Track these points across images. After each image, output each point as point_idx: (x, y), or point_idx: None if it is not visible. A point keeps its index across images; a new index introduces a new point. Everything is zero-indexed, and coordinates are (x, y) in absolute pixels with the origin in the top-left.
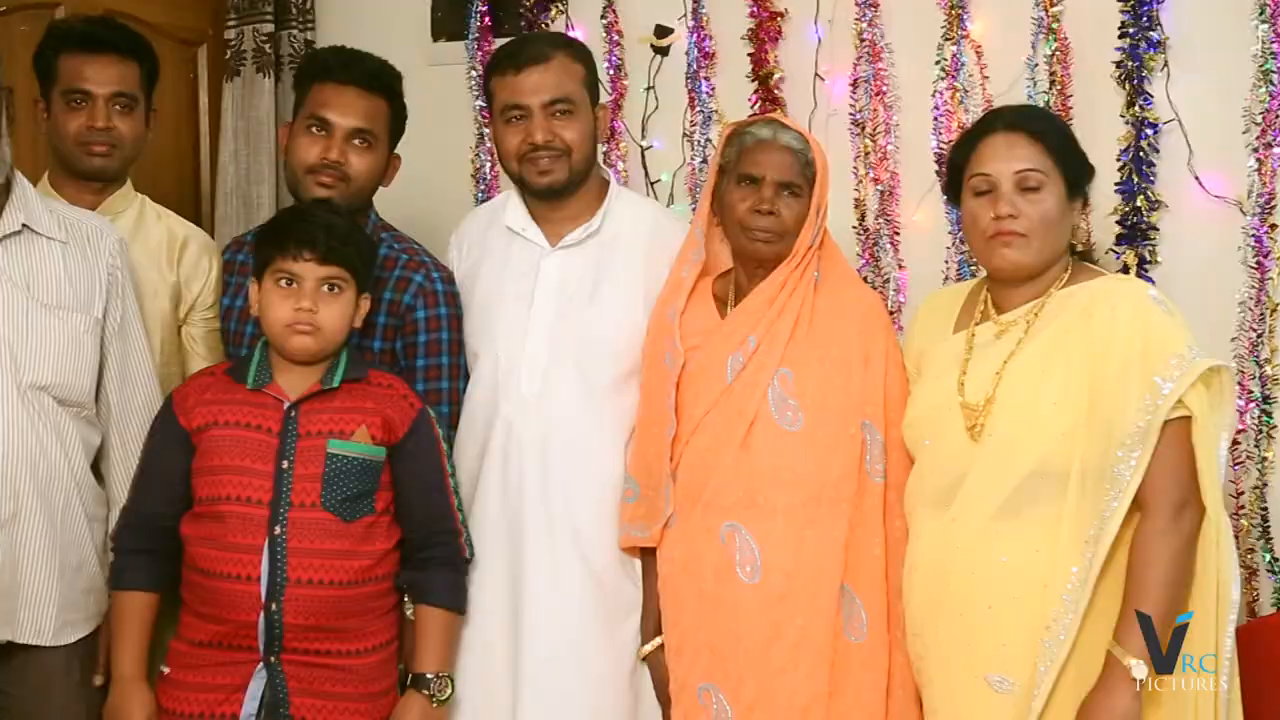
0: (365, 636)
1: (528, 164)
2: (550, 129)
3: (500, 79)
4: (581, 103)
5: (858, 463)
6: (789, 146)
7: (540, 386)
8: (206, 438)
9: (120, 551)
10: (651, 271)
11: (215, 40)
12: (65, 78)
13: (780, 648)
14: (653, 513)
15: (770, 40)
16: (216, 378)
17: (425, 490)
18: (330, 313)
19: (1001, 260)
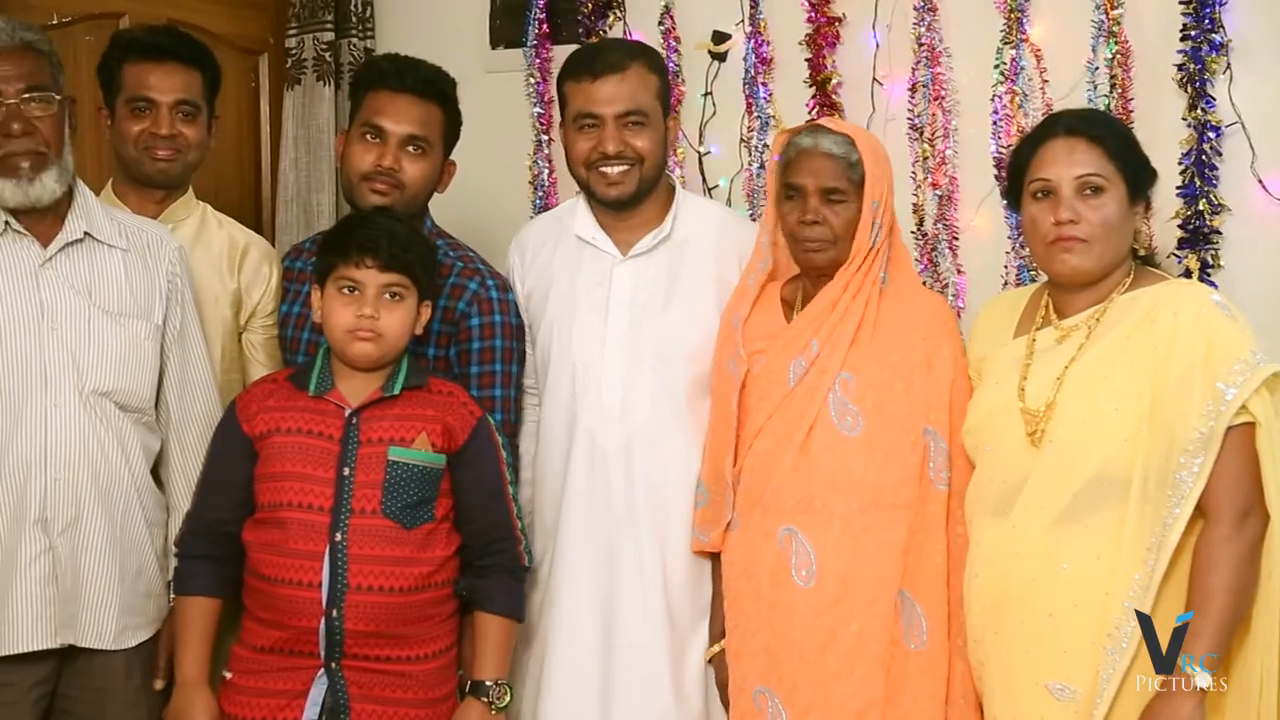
0: (425, 642)
1: (596, 173)
2: (622, 139)
3: (575, 85)
4: (654, 114)
5: (919, 469)
6: (829, 153)
7: (621, 395)
8: (269, 444)
9: (183, 557)
10: (721, 273)
11: (276, 49)
12: (129, 85)
13: (835, 653)
14: (717, 518)
15: (828, 45)
16: (279, 384)
17: (484, 498)
18: (392, 320)
19: (1062, 265)
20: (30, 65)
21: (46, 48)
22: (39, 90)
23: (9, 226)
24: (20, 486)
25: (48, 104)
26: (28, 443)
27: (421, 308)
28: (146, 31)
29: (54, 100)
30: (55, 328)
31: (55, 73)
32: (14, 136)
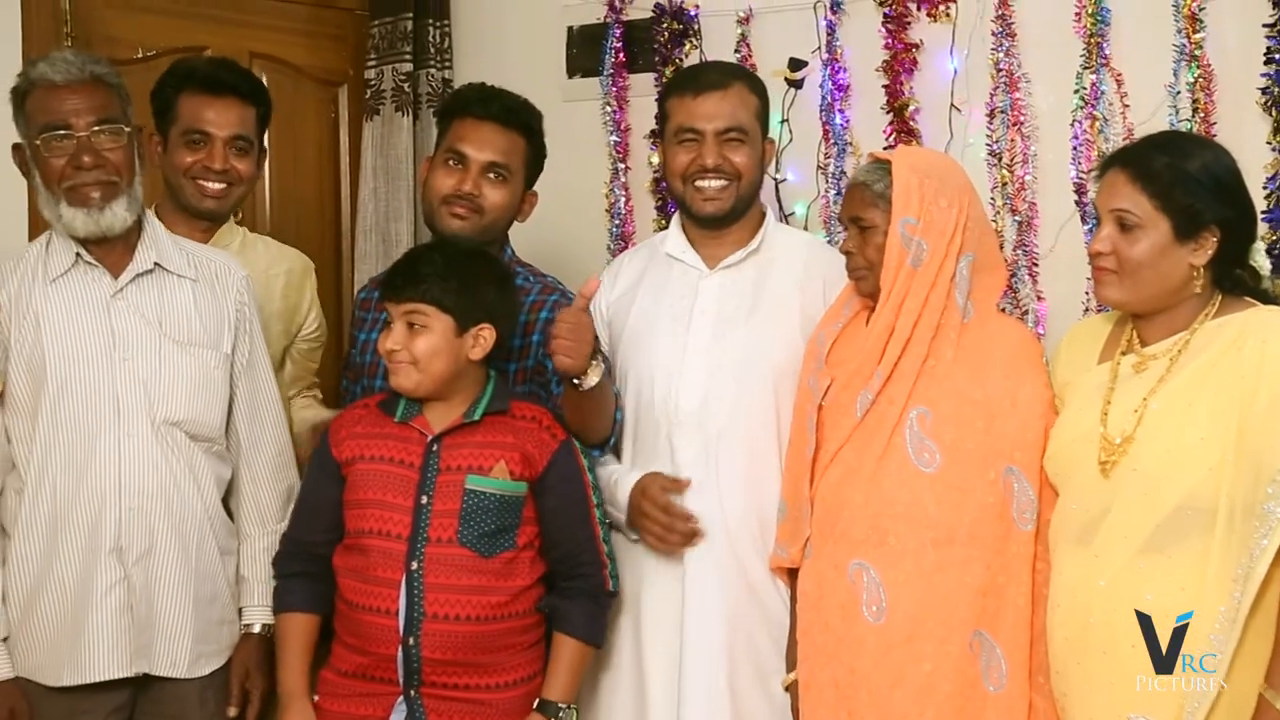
0: (505, 671)
1: (693, 188)
2: (721, 154)
3: (678, 101)
4: (753, 133)
5: (997, 509)
6: (858, 181)
7: (700, 405)
8: (354, 471)
9: (279, 576)
10: (806, 294)
11: (355, 80)
12: (186, 117)
13: (903, 692)
14: (796, 533)
15: (905, 71)
16: (369, 410)
17: (568, 524)
18: (414, 349)
19: (1097, 295)
20: (100, 98)
21: (115, 80)
22: (109, 122)
23: (80, 258)
24: (95, 516)
25: (117, 136)
26: (102, 473)
27: (478, 331)
28: (206, 64)
29: (123, 132)
30: (127, 358)
31: (124, 105)
32: (85, 168)
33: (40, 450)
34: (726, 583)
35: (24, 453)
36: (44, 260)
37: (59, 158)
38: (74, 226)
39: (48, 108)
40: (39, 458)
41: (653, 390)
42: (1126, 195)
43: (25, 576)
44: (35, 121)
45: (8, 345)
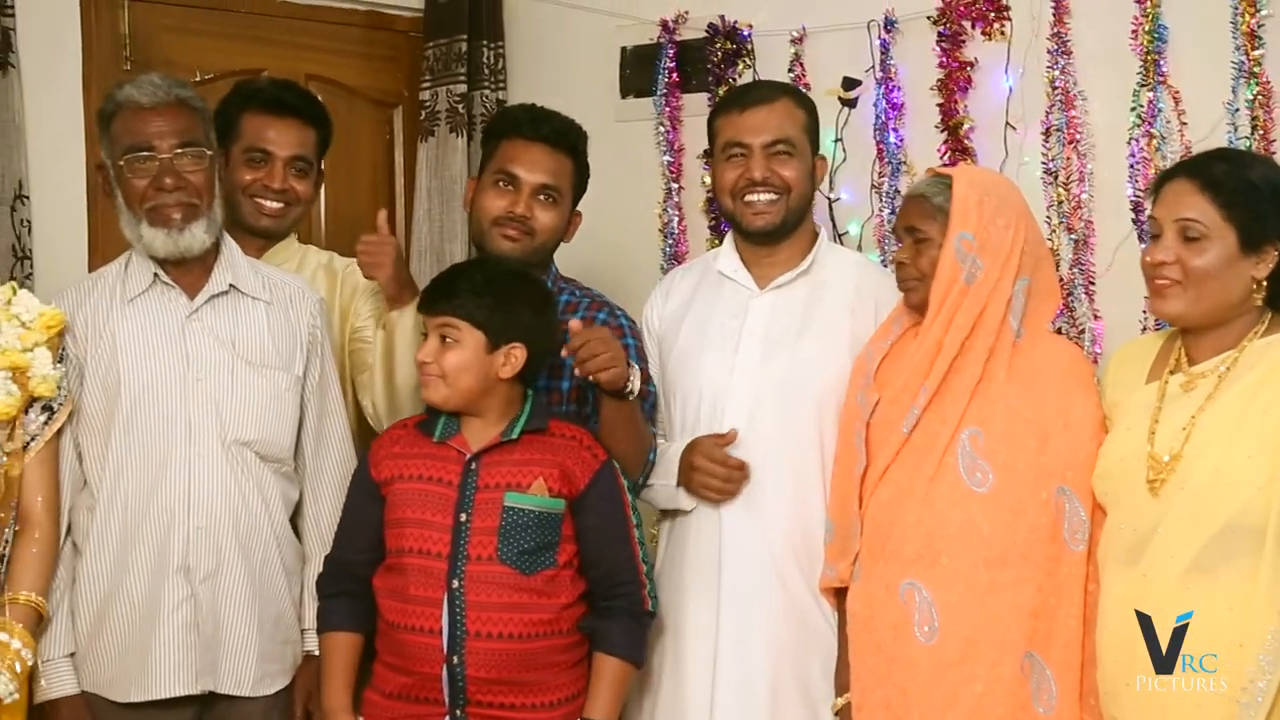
0: (550, 689)
1: (742, 203)
2: (769, 167)
3: (725, 118)
4: (802, 147)
5: (1049, 529)
6: (916, 193)
7: (746, 425)
8: (393, 490)
9: (323, 596)
10: (858, 319)
11: (410, 101)
12: (248, 136)
13: (956, 714)
14: (844, 552)
15: (960, 90)
16: (408, 430)
17: (607, 544)
18: (443, 363)
19: (1156, 308)
20: (184, 121)
21: (199, 104)
22: (191, 145)
23: (158, 278)
24: (164, 534)
25: (199, 158)
26: (171, 491)
27: (509, 350)
28: (270, 84)
29: (205, 155)
30: (200, 378)
31: (206, 128)
32: (167, 190)
33: (112, 468)
34: (770, 605)
35: (96, 470)
36: (122, 280)
37: (142, 179)
38: (154, 247)
39: (132, 129)
40: (110, 476)
41: (699, 409)
42: (1193, 205)
43: (95, 593)
44: (120, 143)
45: (84, 364)
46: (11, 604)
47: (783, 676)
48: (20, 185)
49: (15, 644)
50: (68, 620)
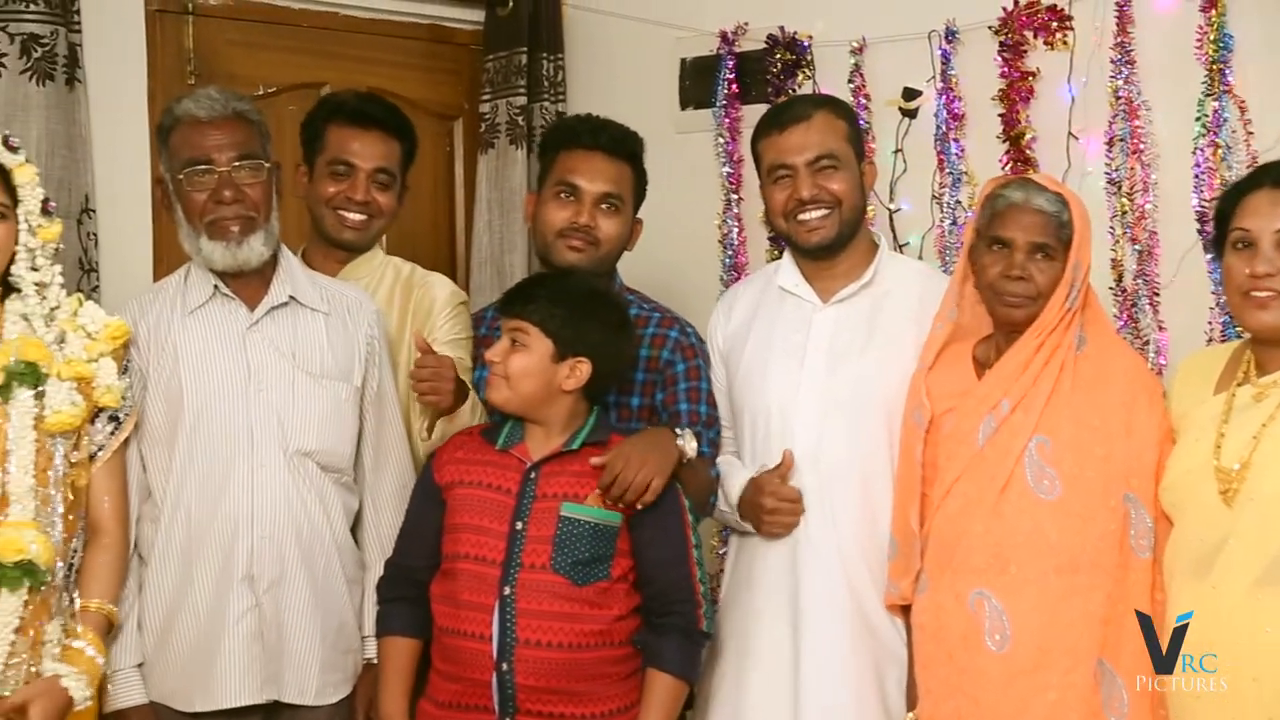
0: (601, 700)
1: (795, 223)
2: (816, 184)
3: (766, 141)
4: (846, 158)
5: (1118, 536)
6: (1041, 209)
7: (815, 441)
8: (453, 495)
9: (382, 600)
10: (922, 327)
11: (470, 114)
12: (332, 148)
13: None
14: (907, 569)
15: (1022, 100)
16: (472, 437)
17: (663, 561)
18: (510, 366)
19: (1254, 320)
20: (242, 134)
21: (256, 117)
22: (249, 158)
23: (218, 290)
24: (228, 544)
25: (257, 171)
26: (235, 502)
27: (575, 363)
28: (355, 97)
29: (263, 168)
30: (261, 389)
31: (264, 141)
32: (225, 203)
33: (176, 479)
34: (846, 619)
35: (160, 481)
36: (182, 292)
37: (200, 192)
38: (213, 259)
39: (191, 142)
40: (174, 486)
41: (768, 426)
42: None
43: (160, 603)
44: (179, 156)
45: (146, 375)
46: (84, 612)
47: (865, 692)
48: (87, 199)
49: (89, 650)
50: (135, 630)
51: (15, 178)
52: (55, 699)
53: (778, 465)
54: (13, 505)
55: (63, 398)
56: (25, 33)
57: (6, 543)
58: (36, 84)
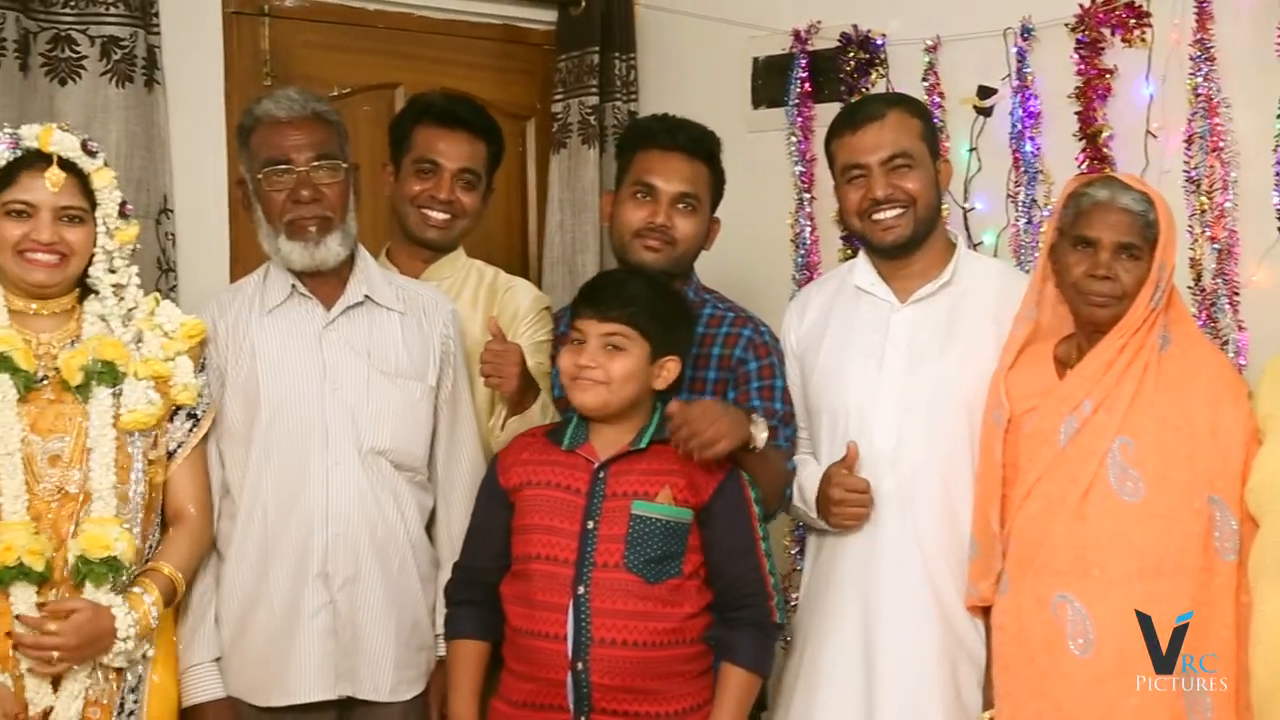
0: (675, 699)
1: (869, 222)
2: (890, 183)
3: (839, 140)
4: (920, 156)
5: (1202, 538)
6: (1127, 208)
7: (895, 441)
8: (522, 497)
9: (451, 604)
10: (1001, 327)
11: (543, 114)
12: (418, 147)
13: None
14: (987, 570)
15: (1099, 98)
16: (536, 439)
17: (732, 554)
18: (610, 369)
19: None
20: (320, 134)
21: (335, 118)
22: (327, 158)
23: (295, 290)
24: (304, 541)
25: (335, 171)
26: (310, 499)
27: (666, 363)
28: (443, 98)
29: (341, 168)
30: (337, 388)
31: (342, 141)
32: (303, 203)
33: (253, 476)
34: (925, 618)
35: (238, 478)
36: (261, 291)
37: (279, 191)
38: (291, 259)
39: (270, 143)
40: (251, 483)
41: (846, 427)
42: None
43: (237, 599)
44: (258, 157)
45: (225, 373)
46: (153, 571)
47: (941, 690)
48: (165, 199)
49: (148, 599)
50: (213, 625)
51: (94, 181)
52: (100, 620)
53: (844, 457)
54: (95, 502)
55: (140, 396)
56: (105, 35)
57: (92, 539)
58: (116, 86)
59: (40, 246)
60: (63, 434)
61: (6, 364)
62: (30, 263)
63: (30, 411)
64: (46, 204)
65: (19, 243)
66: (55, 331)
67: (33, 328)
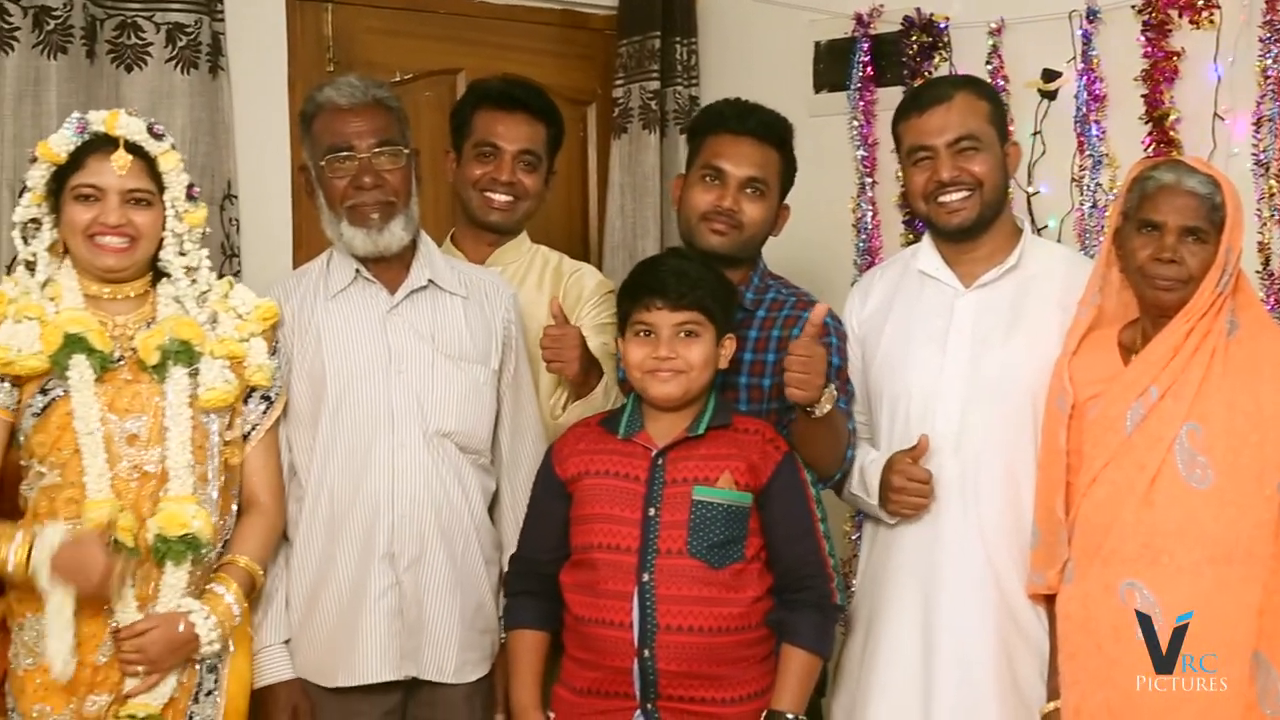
0: (740, 684)
1: (935, 205)
2: (956, 165)
3: (906, 123)
4: (987, 138)
5: (1273, 525)
6: (1193, 191)
7: (958, 427)
8: (580, 487)
9: (509, 595)
10: (1067, 314)
11: (604, 99)
12: (479, 131)
13: (1183, 717)
14: (1052, 558)
15: (1166, 80)
16: (590, 428)
17: (791, 536)
18: (689, 357)
19: None
20: (381, 120)
21: (395, 104)
22: (389, 144)
23: (359, 274)
24: (369, 522)
25: (397, 157)
26: (376, 481)
27: (724, 342)
28: (502, 82)
29: (402, 154)
30: (401, 371)
31: (403, 127)
32: (365, 189)
33: (319, 458)
34: (986, 606)
35: (304, 461)
36: (325, 277)
37: (341, 178)
38: (354, 245)
39: (332, 129)
40: (318, 466)
41: (908, 412)
42: None
43: (304, 581)
44: (320, 143)
45: (291, 357)
46: (230, 565)
47: (1001, 677)
48: (229, 185)
49: (228, 598)
50: (283, 607)
51: (161, 165)
52: (172, 631)
53: (912, 447)
54: (172, 480)
55: (216, 375)
56: (170, 22)
57: (170, 517)
58: (181, 72)
59: (109, 230)
60: (140, 414)
61: (83, 344)
62: (99, 247)
63: (107, 392)
64: (114, 188)
65: (88, 227)
66: (130, 314)
67: (108, 311)
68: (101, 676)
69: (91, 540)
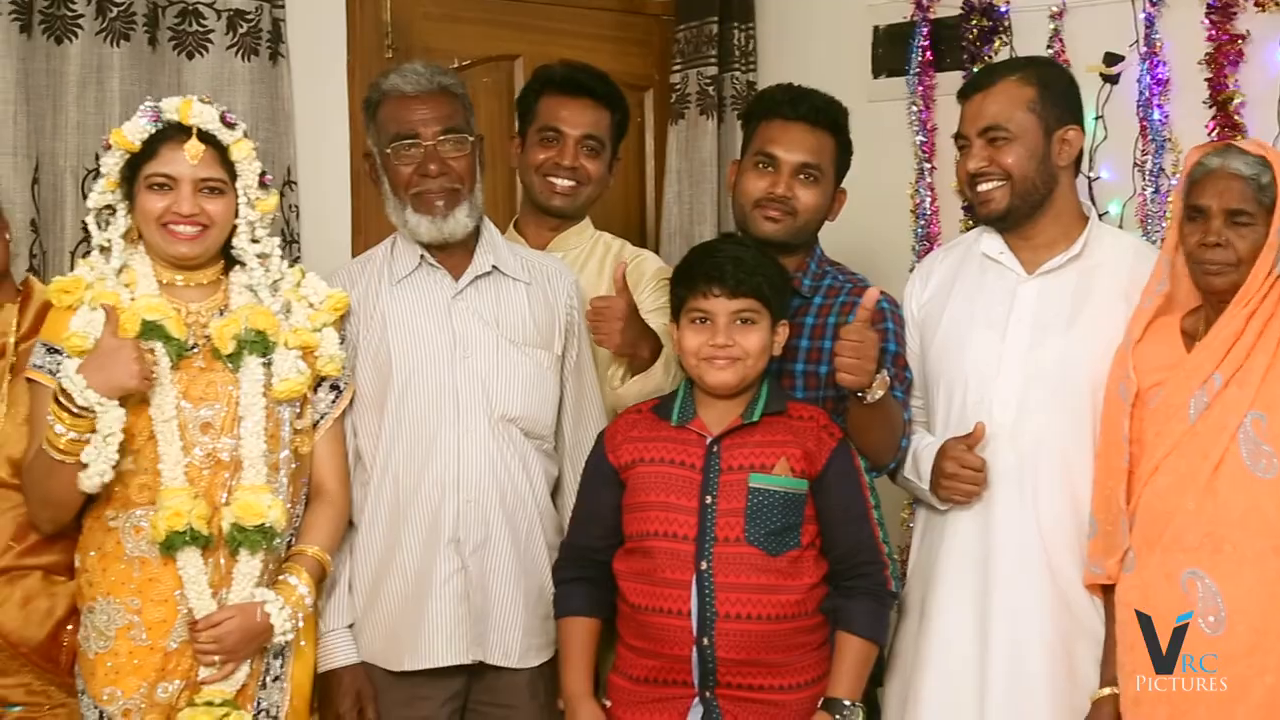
0: (797, 672)
1: (974, 192)
2: (985, 155)
3: (961, 106)
4: (1022, 128)
5: None
6: (1237, 173)
7: (1015, 415)
8: (634, 475)
9: (559, 582)
10: (1131, 304)
11: (661, 85)
12: (542, 116)
13: (1245, 708)
14: (1110, 548)
15: (1230, 64)
16: (643, 415)
17: (847, 521)
18: (746, 344)
19: None
20: (446, 108)
21: (460, 90)
22: (454, 132)
23: (424, 260)
24: (435, 507)
25: (461, 144)
26: (442, 466)
27: (779, 329)
28: (566, 67)
29: (467, 141)
30: (466, 356)
31: (468, 114)
32: (430, 176)
33: (385, 444)
34: (1041, 595)
35: (370, 446)
36: (389, 263)
37: (407, 165)
38: (419, 232)
39: (398, 117)
40: (383, 451)
41: (965, 398)
42: None
43: (369, 566)
44: (386, 131)
45: (356, 343)
46: (299, 555)
47: (1056, 665)
48: (289, 171)
49: (301, 589)
50: (347, 592)
51: (233, 153)
52: (250, 621)
53: (968, 434)
54: (245, 470)
55: (290, 365)
56: (231, 9)
57: (245, 506)
58: (242, 59)
59: (182, 219)
60: (214, 402)
61: (159, 332)
62: (173, 235)
63: (181, 379)
64: (187, 176)
65: (162, 215)
66: (203, 301)
67: (181, 298)
68: (173, 663)
69: (112, 343)
